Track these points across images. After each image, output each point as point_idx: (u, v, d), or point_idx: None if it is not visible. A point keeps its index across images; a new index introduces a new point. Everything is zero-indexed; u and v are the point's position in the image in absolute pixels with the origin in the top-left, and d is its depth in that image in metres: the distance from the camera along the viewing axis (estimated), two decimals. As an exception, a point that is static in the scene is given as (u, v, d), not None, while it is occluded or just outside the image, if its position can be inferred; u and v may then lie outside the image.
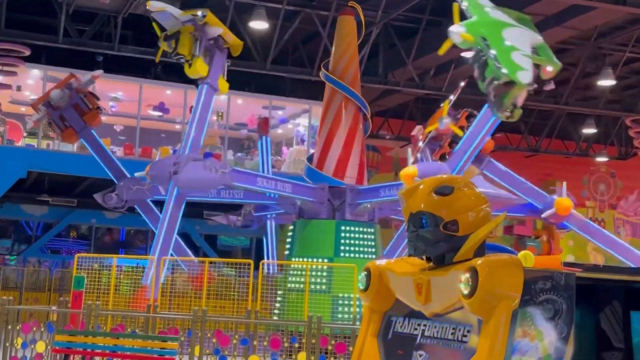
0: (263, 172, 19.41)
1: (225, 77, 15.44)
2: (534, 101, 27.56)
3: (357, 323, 11.30)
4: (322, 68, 17.29)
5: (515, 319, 3.88)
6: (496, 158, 17.82)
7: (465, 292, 3.84)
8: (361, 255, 15.97)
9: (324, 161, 16.75)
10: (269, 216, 19.19)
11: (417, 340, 4.27)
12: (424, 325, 4.28)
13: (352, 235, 16.23)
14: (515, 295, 3.88)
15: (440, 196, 4.19)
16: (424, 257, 4.31)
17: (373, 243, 16.56)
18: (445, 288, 4.08)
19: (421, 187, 4.27)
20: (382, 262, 4.59)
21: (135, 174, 15.90)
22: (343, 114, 16.86)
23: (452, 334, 4.10)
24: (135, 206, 16.87)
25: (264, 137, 20.32)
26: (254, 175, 16.29)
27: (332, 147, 16.79)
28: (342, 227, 16.18)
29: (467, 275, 3.86)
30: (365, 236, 16.42)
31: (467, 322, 4.01)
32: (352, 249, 16.11)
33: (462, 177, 4.34)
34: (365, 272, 4.54)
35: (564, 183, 13.88)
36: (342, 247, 16.03)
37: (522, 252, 6.26)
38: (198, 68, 14.65)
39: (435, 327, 4.21)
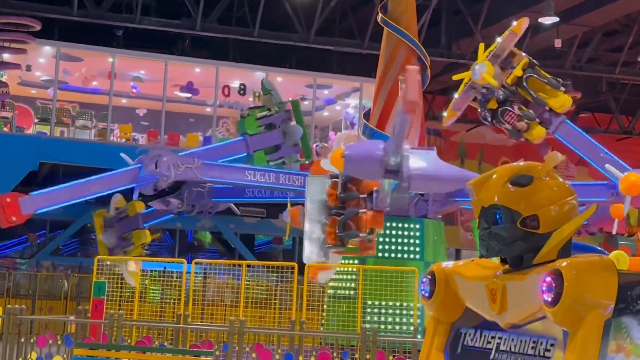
0: None
1: None
2: (626, 74, 27.07)
3: (419, 336, 11.28)
4: (380, 11, 17.17)
5: (608, 330, 3.84)
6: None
7: (548, 299, 3.81)
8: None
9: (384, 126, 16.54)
10: None
11: (491, 356, 4.26)
12: (499, 338, 4.26)
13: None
14: (607, 302, 3.83)
15: (517, 187, 4.16)
16: (499, 259, 4.29)
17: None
18: (523, 294, 4.06)
19: (494, 176, 4.25)
20: (449, 264, 4.58)
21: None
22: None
23: (532, 348, 4.07)
24: None
25: None
26: (232, 168, 15.07)
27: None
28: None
29: (550, 279, 3.83)
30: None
31: (551, 335, 3.98)
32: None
33: (542, 165, 4.28)
34: (429, 277, 4.53)
35: None
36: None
37: (614, 252, 6.17)
38: None
39: (512, 340, 4.19)
